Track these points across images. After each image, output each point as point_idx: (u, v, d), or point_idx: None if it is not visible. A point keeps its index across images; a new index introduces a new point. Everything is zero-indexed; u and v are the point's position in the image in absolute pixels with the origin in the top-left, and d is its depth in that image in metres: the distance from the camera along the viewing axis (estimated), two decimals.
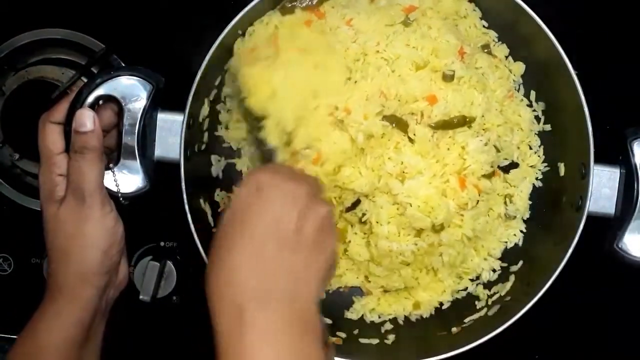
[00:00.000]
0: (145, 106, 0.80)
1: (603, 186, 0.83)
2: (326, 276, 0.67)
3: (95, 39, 0.99)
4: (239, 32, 0.85)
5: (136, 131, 0.80)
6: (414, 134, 0.81)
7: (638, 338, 1.01)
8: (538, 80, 0.91)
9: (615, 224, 0.82)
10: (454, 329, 0.89)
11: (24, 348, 0.77)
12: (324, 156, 0.80)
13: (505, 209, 0.92)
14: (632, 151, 0.81)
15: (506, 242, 0.94)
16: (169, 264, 0.98)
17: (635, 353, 1.02)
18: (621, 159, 0.83)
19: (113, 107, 0.81)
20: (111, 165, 0.81)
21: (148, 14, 1.00)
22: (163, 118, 0.84)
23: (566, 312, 1.00)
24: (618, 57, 0.98)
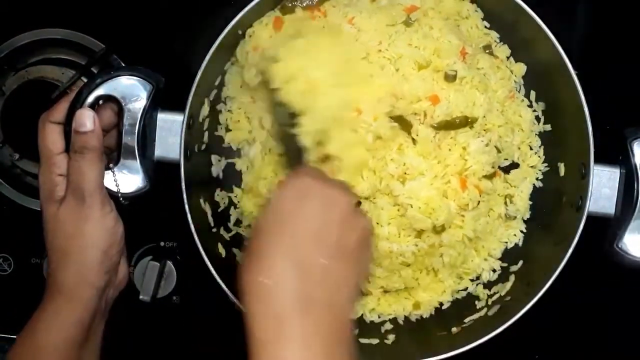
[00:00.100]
0: (145, 106, 0.80)
1: (603, 186, 0.83)
2: (360, 289, 0.66)
3: (95, 39, 0.99)
4: (239, 32, 0.85)
5: (136, 131, 0.80)
6: (417, 135, 0.81)
7: (638, 338, 1.01)
8: (538, 80, 0.91)
9: (615, 224, 0.82)
10: (454, 329, 0.89)
11: (24, 348, 0.77)
12: (345, 166, 0.79)
13: (505, 210, 0.92)
14: (632, 151, 0.81)
15: (506, 242, 0.94)
16: (169, 264, 0.98)
17: (635, 353, 1.02)
18: (621, 159, 0.83)
19: (113, 107, 0.81)
20: (111, 165, 0.81)
21: (148, 14, 0.99)
22: (163, 118, 0.83)
23: (566, 312, 1.00)
24: (618, 57, 0.98)
